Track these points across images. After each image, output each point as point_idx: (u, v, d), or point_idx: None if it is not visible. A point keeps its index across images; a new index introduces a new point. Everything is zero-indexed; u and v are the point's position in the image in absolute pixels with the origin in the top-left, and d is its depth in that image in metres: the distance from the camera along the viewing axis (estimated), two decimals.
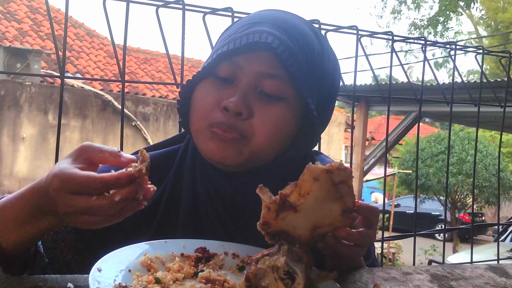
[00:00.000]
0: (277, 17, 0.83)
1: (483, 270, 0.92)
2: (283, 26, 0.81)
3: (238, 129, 0.78)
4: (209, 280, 0.70)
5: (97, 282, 0.62)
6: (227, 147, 0.79)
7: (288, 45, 0.78)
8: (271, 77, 0.79)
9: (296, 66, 0.78)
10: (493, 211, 15.55)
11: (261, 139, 0.79)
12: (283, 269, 0.66)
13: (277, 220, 0.67)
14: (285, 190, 0.66)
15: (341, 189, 0.66)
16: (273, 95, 0.80)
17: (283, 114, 0.80)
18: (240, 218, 0.86)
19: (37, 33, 9.29)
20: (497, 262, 1.89)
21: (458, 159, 10.72)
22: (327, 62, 0.86)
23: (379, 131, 18.74)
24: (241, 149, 0.79)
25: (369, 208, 0.76)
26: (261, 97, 0.80)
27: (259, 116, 0.79)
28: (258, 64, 0.79)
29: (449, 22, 19.92)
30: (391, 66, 1.61)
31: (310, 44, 0.82)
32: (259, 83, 0.80)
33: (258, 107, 0.79)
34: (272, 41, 0.77)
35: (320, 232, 0.70)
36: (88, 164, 0.67)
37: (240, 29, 0.82)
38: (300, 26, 0.83)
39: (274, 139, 0.80)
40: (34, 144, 7.60)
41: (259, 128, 0.79)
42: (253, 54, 0.79)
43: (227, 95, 0.79)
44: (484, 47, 1.83)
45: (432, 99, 6.16)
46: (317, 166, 0.66)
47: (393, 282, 0.80)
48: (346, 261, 0.80)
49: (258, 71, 0.79)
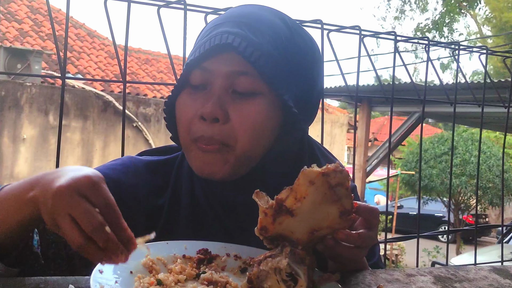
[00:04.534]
0: (240, 13, 0.82)
1: (487, 272, 0.92)
2: (246, 22, 0.79)
3: (218, 139, 0.77)
4: (211, 281, 0.69)
5: (99, 284, 0.62)
6: (212, 159, 0.78)
7: (251, 40, 0.77)
8: (240, 74, 0.78)
9: (263, 60, 0.76)
10: (496, 212, 15.50)
11: (244, 141, 0.78)
12: (286, 271, 0.66)
13: (275, 224, 0.67)
14: (281, 195, 0.66)
15: (338, 191, 0.65)
16: (246, 92, 0.78)
17: (261, 109, 0.78)
18: (241, 220, 0.86)
19: (37, 34, 9.31)
20: (501, 264, 1.88)
21: (461, 160, 10.69)
22: (303, 51, 0.83)
23: (382, 132, 18.71)
24: (226, 157, 0.78)
25: (369, 209, 0.75)
26: (236, 97, 0.78)
27: (236, 116, 0.77)
28: (225, 65, 0.78)
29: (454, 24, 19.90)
30: (394, 66, 1.61)
31: (279, 34, 0.80)
32: (231, 83, 0.78)
33: (234, 108, 0.78)
34: (233, 40, 0.76)
35: (319, 235, 0.69)
36: None
37: (206, 33, 0.81)
38: (267, 18, 0.81)
39: (257, 137, 0.79)
40: (34, 145, 7.61)
41: (239, 129, 0.78)
42: (220, 57, 0.78)
43: (203, 103, 0.78)
44: (488, 47, 1.82)
45: (435, 99, 6.15)
46: (313, 170, 0.65)
47: (396, 284, 0.80)
48: (348, 262, 0.80)
49: (227, 71, 0.78)
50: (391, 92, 1.59)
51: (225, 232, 0.85)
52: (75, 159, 7.93)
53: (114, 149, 8.19)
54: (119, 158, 0.95)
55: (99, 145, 8.16)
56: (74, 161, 7.91)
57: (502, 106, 1.93)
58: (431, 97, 1.76)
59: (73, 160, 7.90)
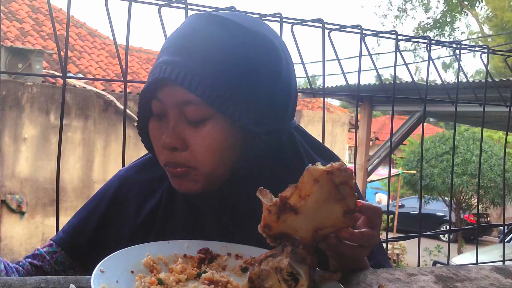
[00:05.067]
0: (181, 35, 0.80)
1: (488, 271, 0.92)
2: (185, 46, 0.78)
3: (182, 163, 0.80)
4: (212, 281, 0.69)
5: (100, 283, 0.62)
6: (183, 181, 0.82)
7: (189, 68, 0.76)
8: (187, 103, 0.78)
9: (203, 86, 0.75)
10: (498, 211, 15.48)
11: (205, 164, 0.80)
12: (287, 271, 0.66)
13: (278, 222, 0.66)
14: (285, 193, 0.66)
15: (342, 190, 0.65)
16: (196, 119, 0.79)
17: (214, 133, 0.79)
18: (240, 219, 0.87)
19: (38, 33, 9.31)
20: (503, 263, 1.88)
21: (463, 159, 10.68)
22: (252, 58, 0.78)
23: (383, 131, 18.69)
24: (195, 178, 0.81)
25: (372, 208, 0.75)
26: (189, 124, 0.79)
27: (194, 142, 0.79)
28: (172, 96, 0.79)
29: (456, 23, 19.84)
30: (395, 65, 1.60)
31: (220, 51, 0.77)
32: (182, 112, 0.79)
33: (190, 135, 0.79)
34: (170, 73, 0.76)
35: (322, 234, 0.69)
36: None
37: (157, 59, 0.82)
38: (208, 35, 0.78)
39: (218, 158, 0.80)
40: (35, 145, 7.61)
41: (198, 154, 0.79)
42: (167, 87, 0.79)
43: (163, 132, 0.81)
44: (490, 47, 1.82)
45: (436, 99, 6.14)
46: (317, 168, 0.65)
47: (398, 283, 0.80)
48: (350, 261, 0.80)
49: (175, 101, 0.79)
50: (393, 91, 1.58)
51: (227, 235, 0.86)
52: (76, 159, 7.94)
53: (115, 148, 8.20)
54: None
55: (100, 144, 8.17)
56: (75, 160, 7.92)
57: (504, 105, 1.93)
58: (432, 96, 1.76)
59: (74, 160, 7.91)
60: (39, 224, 7.68)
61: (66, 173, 7.69)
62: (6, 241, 7.44)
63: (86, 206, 0.97)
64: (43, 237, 7.72)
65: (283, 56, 0.83)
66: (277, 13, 1.34)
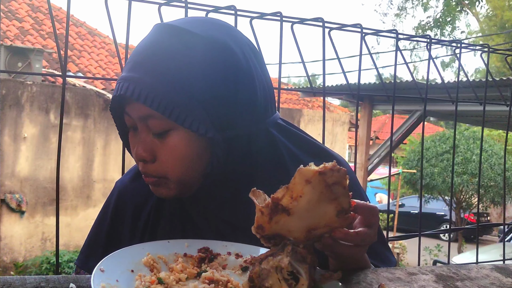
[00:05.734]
0: (139, 49, 0.80)
1: (488, 271, 0.91)
2: (141, 60, 0.78)
3: (152, 174, 0.83)
4: (212, 280, 0.69)
5: (100, 283, 0.62)
6: (157, 188, 0.84)
7: (144, 84, 0.77)
8: (148, 117, 0.80)
9: (158, 100, 0.76)
10: (498, 211, 15.48)
11: (174, 173, 0.82)
12: (287, 270, 0.66)
13: (271, 223, 0.66)
14: (277, 194, 0.65)
15: (335, 190, 0.65)
16: (160, 131, 0.80)
17: (177, 143, 0.80)
18: (232, 221, 0.88)
19: (38, 32, 9.31)
20: (503, 262, 1.88)
21: (463, 158, 10.68)
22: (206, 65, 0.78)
23: (383, 130, 18.69)
24: (167, 185, 0.83)
25: (367, 207, 0.74)
26: (155, 137, 0.81)
27: (161, 154, 0.81)
28: (136, 110, 0.81)
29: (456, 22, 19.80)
30: (396, 64, 1.60)
31: (173, 63, 0.77)
32: (147, 126, 0.81)
33: (157, 147, 0.81)
34: (126, 90, 0.77)
35: (316, 234, 0.69)
36: None
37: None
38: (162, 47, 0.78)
39: (185, 165, 0.81)
40: (35, 144, 7.61)
41: (166, 165, 0.81)
42: (130, 102, 0.81)
43: (134, 145, 0.84)
44: (490, 46, 1.81)
45: (437, 98, 6.14)
46: (309, 169, 0.64)
47: (398, 283, 0.80)
48: (348, 261, 0.80)
49: (138, 116, 0.81)
50: (393, 91, 1.58)
51: (219, 235, 0.86)
52: (76, 158, 7.94)
53: (115, 147, 8.20)
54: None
55: (100, 144, 8.16)
56: (75, 159, 7.92)
57: (504, 104, 1.93)
58: (432, 96, 1.76)
59: (74, 159, 7.91)
60: (39, 223, 7.68)
61: (66, 172, 7.69)
62: (6, 240, 7.44)
63: (95, 224, 1.00)
64: (43, 237, 7.73)
65: (241, 58, 0.81)
66: (277, 12, 1.33)
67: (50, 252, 7.49)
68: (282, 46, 1.39)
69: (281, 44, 1.37)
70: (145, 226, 0.93)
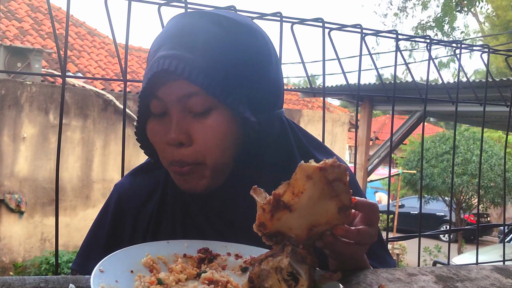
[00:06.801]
0: (175, 31, 0.81)
1: (488, 271, 0.91)
2: (180, 39, 0.79)
3: (189, 160, 0.80)
4: (212, 281, 0.69)
5: (99, 283, 0.62)
6: (189, 178, 0.82)
7: (187, 60, 0.77)
8: (190, 96, 0.79)
9: (203, 76, 0.76)
10: (498, 211, 15.48)
11: (212, 157, 0.81)
12: (287, 270, 0.65)
13: (273, 220, 0.66)
14: (278, 190, 0.65)
15: (336, 186, 0.65)
16: (201, 111, 0.79)
17: (218, 124, 0.80)
18: (233, 222, 0.88)
19: (38, 32, 9.30)
20: (503, 263, 1.88)
21: (463, 159, 10.68)
22: (244, 51, 0.80)
23: (383, 131, 18.69)
24: (202, 173, 0.82)
25: (367, 204, 0.74)
26: (194, 118, 0.80)
27: (199, 136, 0.80)
28: (174, 91, 0.79)
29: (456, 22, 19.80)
30: (396, 65, 1.60)
31: (215, 43, 0.79)
32: (185, 107, 0.80)
33: (195, 129, 0.80)
34: (168, 65, 0.76)
35: (317, 231, 0.69)
36: None
37: (149, 60, 0.82)
38: (201, 28, 0.80)
39: (223, 149, 0.81)
40: (34, 144, 7.60)
41: (204, 148, 0.80)
42: (167, 83, 0.79)
43: (167, 130, 0.81)
44: (490, 46, 1.81)
45: (437, 98, 6.14)
46: (310, 164, 0.64)
47: (398, 283, 0.79)
48: (348, 260, 0.79)
49: (177, 96, 0.79)
50: (393, 91, 1.58)
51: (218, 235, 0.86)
52: (75, 158, 7.94)
53: (114, 148, 8.20)
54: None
55: (99, 144, 8.16)
56: (74, 160, 7.92)
57: (504, 105, 1.93)
58: (432, 96, 1.76)
59: (73, 159, 7.90)
60: (38, 223, 7.68)
61: (65, 173, 7.69)
62: (5, 240, 7.44)
63: (93, 227, 0.97)
64: (42, 237, 7.72)
65: (271, 47, 0.85)
66: (277, 13, 1.33)
67: (49, 252, 7.49)
68: (282, 46, 1.39)
69: (281, 45, 1.37)
70: (147, 228, 0.92)
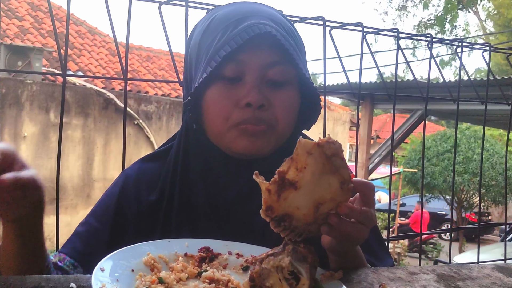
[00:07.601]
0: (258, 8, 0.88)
1: (490, 270, 0.91)
2: (267, 16, 0.86)
3: (265, 120, 0.85)
4: (212, 280, 0.69)
5: (100, 282, 0.62)
6: (258, 139, 0.85)
7: (281, 32, 0.84)
8: (274, 65, 0.84)
9: (292, 49, 0.84)
10: (499, 210, 15.47)
11: (283, 123, 0.86)
12: (288, 269, 0.65)
13: (280, 201, 0.66)
14: (282, 167, 0.66)
15: (335, 161, 0.67)
16: (279, 80, 0.85)
17: (293, 95, 0.87)
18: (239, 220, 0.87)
19: (38, 31, 9.30)
20: (504, 262, 1.87)
21: (464, 157, 10.67)
22: (301, 40, 0.92)
23: (384, 130, 18.68)
24: (269, 137, 0.86)
25: (364, 183, 0.76)
26: (271, 86, 0.85)
27: (276, 103, 0.85)
28: (260, 57, 0.84)
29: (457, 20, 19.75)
30: (397, 63, 1.60)
31: (290, 28, 0.89)
32: (265, 74, 0.85)
33: (272, 96, 0.85)
34: (271, 30, 0.82)
35: (323, 211, 0.69)
36: None
37: (229, 28, 0.84)
38: (271, 12, 0.89)
39: (291, 119, 0.88)
40: (35, 143, 7.61)
41: (279, 114, 0.85)
42: (254, 48, 0.84)
43: (240, 93, 0.84)
44: (492, 44, 1.81)
45: (438, 97, 6.13)
46: (308, 141, 0.67)
47: (399, 282, 0.79)
48: (348, 255, 0.80)
49: (262, 63, 0.84)
50: (394, 90, 1.58)
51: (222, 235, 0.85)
52: (76, 157, 7.94)
53: (115, 147, 8.20)
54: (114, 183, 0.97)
55: (100, 142, 8.16)
56: (75, 158, 7.92)
57: (506, 103, 1.92)
58: (433, 95, 1.76)
59: (74, 158, 7.91)
60: None
61: (66, 172, 7.69)
62: None
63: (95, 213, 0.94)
64: None
65: None
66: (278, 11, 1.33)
67: (50, 251, 7.46)
68: None
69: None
70: (154, 218, 0.90)
